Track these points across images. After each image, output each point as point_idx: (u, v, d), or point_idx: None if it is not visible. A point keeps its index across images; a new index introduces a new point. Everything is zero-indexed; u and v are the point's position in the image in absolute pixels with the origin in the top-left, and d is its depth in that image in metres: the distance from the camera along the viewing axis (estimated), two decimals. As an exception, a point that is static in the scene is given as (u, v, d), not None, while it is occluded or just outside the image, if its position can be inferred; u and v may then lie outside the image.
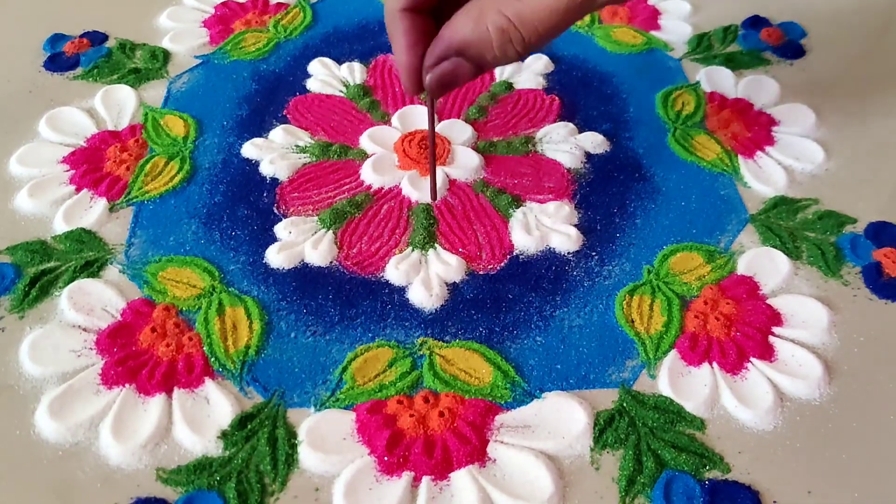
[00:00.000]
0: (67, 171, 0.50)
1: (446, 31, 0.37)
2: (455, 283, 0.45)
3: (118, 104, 0.55)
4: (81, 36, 0.61)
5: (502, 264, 0.46)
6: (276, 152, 0.52)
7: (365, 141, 0.53)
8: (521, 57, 0.37)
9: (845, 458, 0.37)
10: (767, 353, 0.41)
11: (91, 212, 0.48)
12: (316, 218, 0.48)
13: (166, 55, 0.60)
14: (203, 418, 0.38)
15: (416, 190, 0.49)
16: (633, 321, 0.43)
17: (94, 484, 0.35)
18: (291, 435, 0.37)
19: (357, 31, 0.63)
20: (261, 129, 0.54)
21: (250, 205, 0.49)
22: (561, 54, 0.61)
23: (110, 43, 0.61)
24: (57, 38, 0.61)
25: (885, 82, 0.58)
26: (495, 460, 0.37)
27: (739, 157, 0.52)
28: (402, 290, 0.44)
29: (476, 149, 0.52)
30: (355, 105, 0.56)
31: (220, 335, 0.41)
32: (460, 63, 0.37)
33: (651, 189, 0.50)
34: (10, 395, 0.39)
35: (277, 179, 0.50)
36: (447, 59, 0.37)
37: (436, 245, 0.46)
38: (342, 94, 0.57)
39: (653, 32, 0.63)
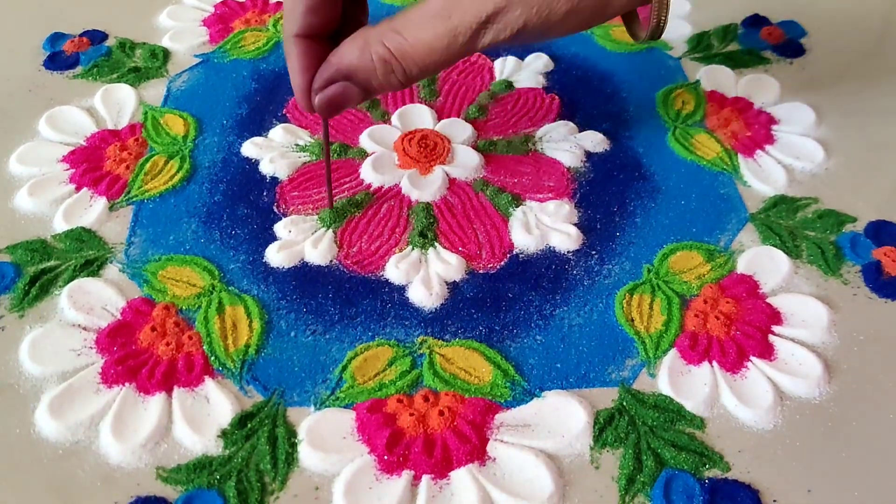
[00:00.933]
0: (67, 170, 0.50)
1: (334, 58, 0.39)
2: (455, 281, 0.45)
3: (118, 103, 0.55)
4: (81, 35, 0.61)
5: (502, 263, 0.46)
6: (275, 151, 0.52)
7: (365, 140, 0.53)
8: (405, 85, 0.39)
9: (845, 457, 0.37)
10: (767, 352, 0.41)
11: (91, 211, 0.48)
12: (316, 217, 0.48)
13: (166, 54, 0.60)
14: (203, 417, 0.38)
15: (416, 189, 0.49)
16: (632, 320, 0.43)
17: (94, 483, 0.35)
18: (291, 434, 0.37)
19: (357, 29, 0.63)
20: (261, 128, 0.54)
21: (250, 204, 0.49)
22: (560, 53, 0.61)
23: (110, 42, 0.61)
24: (56, 37, 0.61)
25: (885, 81, 0.58)
26: (495, 459, 0.37)
27: (739, 155, 0.52)
28: (401, 289, 0.44)
29: (476, 148, 0.52)
30: (355, 104, 0.56)
31: (220, 334, 0.41)
32: (348, 86, 0.39)
33: (651, 188, 0.50)
34: (10, 394, 0.39)
35: (277, 178, 0.50)
36: (335, 83, 0.39)
37: (436, 244, 0.46)
38: (342, 93, 0.57)
39: (653, 31, 0.63)
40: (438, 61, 0.38)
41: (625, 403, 0.39)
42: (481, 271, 0.45)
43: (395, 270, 0.45)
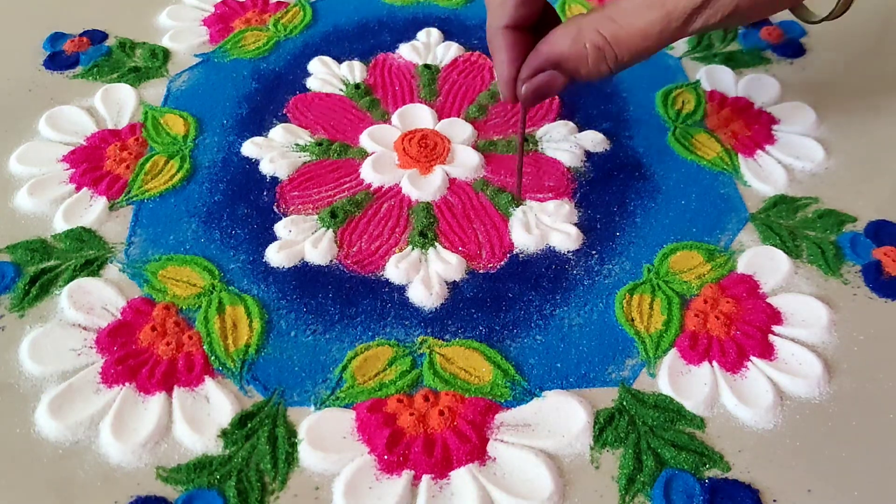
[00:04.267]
0: (67, 169, 0.50)
1: (544, 46, 0.40)
2: (455, 281, 0.45)
3: (118, 103, 0.55)
4: (81, 34, 0.61)
5: (502, 263, 0.46)
6: (276, 151, 0.52)
7: (365, 140, 0.53)
8: (613, 73, 0.40)
9: (845, 457, 0.37)
10: (767, 352, 0.41)
11: (91, 210, 0.48)
12: (316, 217, 0.48)
13: (166, 54, 0.60)
14: (203, 417, 0.38)
15: (416, 188, 0.49)
16: (633, 320, 0.43)
17: (94, 482, 0.35)
18: (291, 433, 0.37)
19: (357, 29, 0.63)
20: (261, 128, 0.54)
21: (250, 203, 0.49)
22: (561, 53, 0.61)
23: (110, 41, 0.61)
24: (57, 37, 0.61)
25: (886, 81, 0.58)
26: (495, 459, 0.37)
27: (739, 155, 0.52)
28: (402, 289, 0.44)
29: (476, 147, 0.52)
30: (355, 104, 0.56)
31: (220, 334, 0.41)
32: (555, 75, 0.41)
33: (651, 188, 0.50)
34: (10, 394, 0.39)
35: (277, 178, 0.50)
36: (543, 72, 0.41)
37: (436, 244, 0.46)
38: (342, 93, 0.57)
39: (653, 31, 0.63)
40: (651, 47, 0.39)
41: (625, 403, 0.39)
42: (481, 271, 0.45)
43: (395, 270, 0.45)
